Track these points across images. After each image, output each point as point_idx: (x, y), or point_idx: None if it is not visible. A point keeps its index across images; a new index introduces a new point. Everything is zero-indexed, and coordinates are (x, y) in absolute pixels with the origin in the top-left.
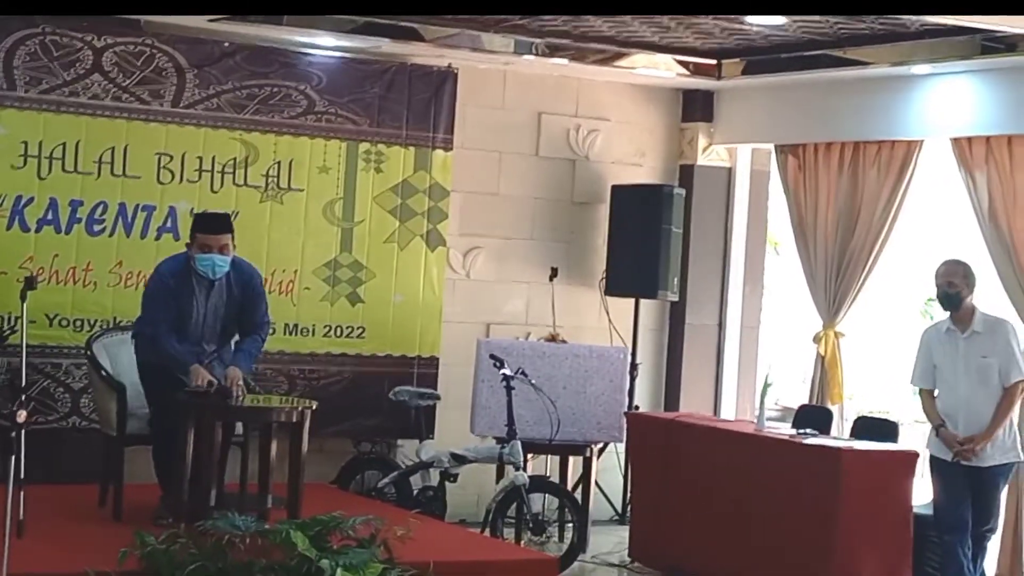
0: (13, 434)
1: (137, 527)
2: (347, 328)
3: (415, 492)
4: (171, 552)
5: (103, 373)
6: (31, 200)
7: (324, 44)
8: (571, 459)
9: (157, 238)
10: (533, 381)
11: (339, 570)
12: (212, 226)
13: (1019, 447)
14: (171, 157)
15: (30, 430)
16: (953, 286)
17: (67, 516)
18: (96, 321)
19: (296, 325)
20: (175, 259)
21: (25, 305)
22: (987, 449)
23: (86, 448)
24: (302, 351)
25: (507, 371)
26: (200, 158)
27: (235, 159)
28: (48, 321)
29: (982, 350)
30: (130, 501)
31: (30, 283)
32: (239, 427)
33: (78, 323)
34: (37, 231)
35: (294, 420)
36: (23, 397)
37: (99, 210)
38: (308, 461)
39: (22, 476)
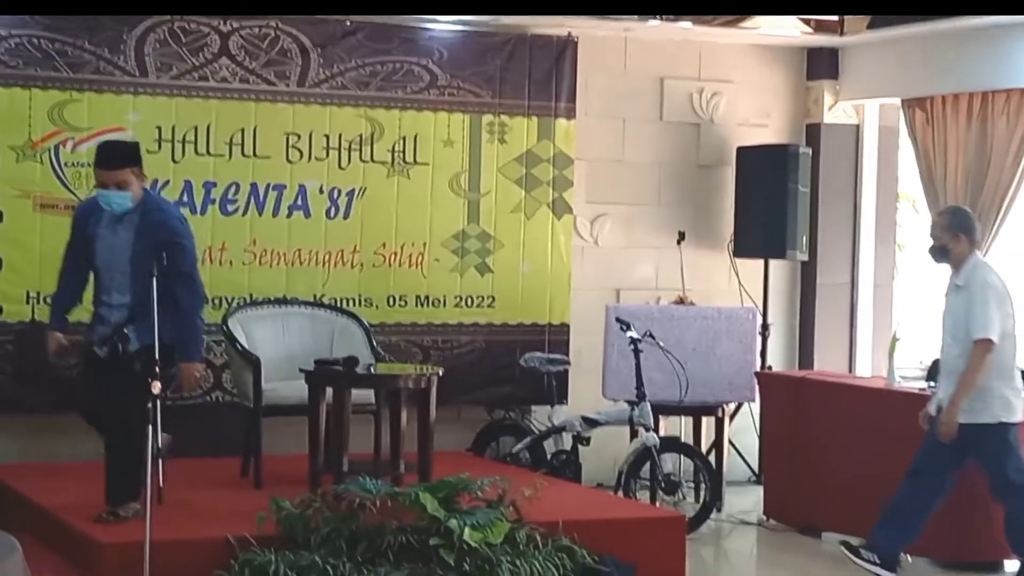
0: (150, 405)
1: (275, 494)
2: (477, 298)
3: (549, 456)
4: (306, 516)
5: (239, 347)
6: (167, 183)
7: (444, 19)
8: (704, 420)
9: (288, 216)
10: (661, 343)
11: (467, 529)
12: (104, 159)
13: (998, 408)
14: (299, 136)
15: (176, 406)
16: (937, 239)
17: (211, 486)
18: (233, 299)
19: (427, 297)
20: (90, 199)
21: (154, 281)
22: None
23: (229, 422)
24: (434, 322)
25: (633, 334)
26: (327, 136)
27: (361, 136)
28: None
29: (957, 305)
30: (270, 471)
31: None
32: (371, 396)
33: (216, 301)
34: None
35: (421, 387)
36: (156, 369)
37: (232, 191)
38: (444, 430)
39: (159, 447)
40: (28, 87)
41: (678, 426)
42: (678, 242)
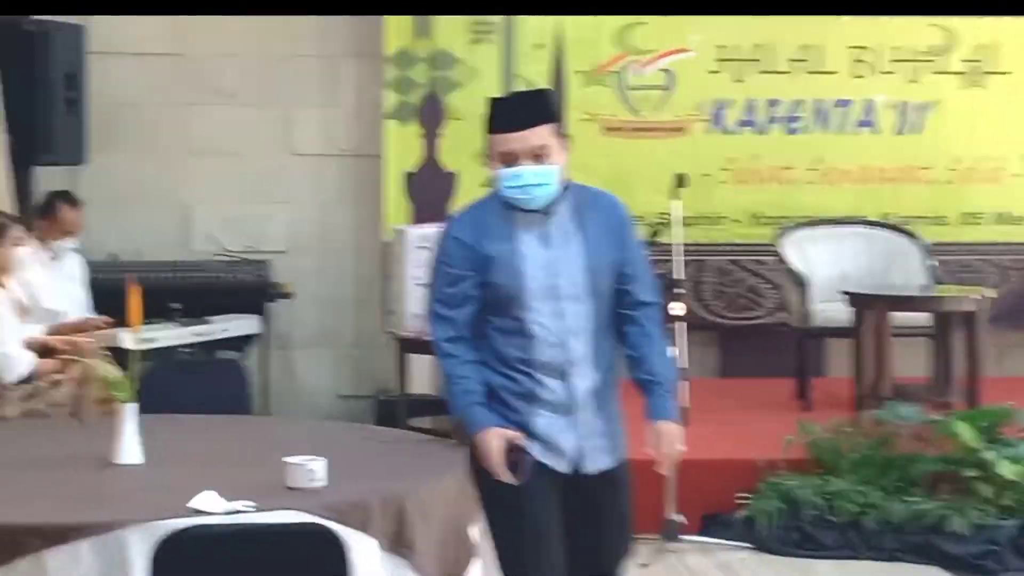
0: (671, 326)
1: (826, 416)
2: None
3: None
4: (835, 441)
5: (789, 268)
6: (729, 103)
7: None
8: None
9: (855, 132)
10: None
11: (1004, 462)
12: (505, 117)
13: None
14: (864, 49)
15: (738, 326)
16: None
17: (761, 407)
18: (796, 219)
19: (1007, 214)
20: (477, 203)
21: (677, 203)
22: None
23: (784, 343)
24: (1014, 240)
25: None
26: (895, 49)
27: (932, 47)
28: (751, 220)
29: None
30: (824, 392)
31: (681, 181)
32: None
33: (780, 221)
34: (736, 132)
35: (968, 309)
36: (674, 291)
37: (796, 108)
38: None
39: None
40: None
41: None
42: None
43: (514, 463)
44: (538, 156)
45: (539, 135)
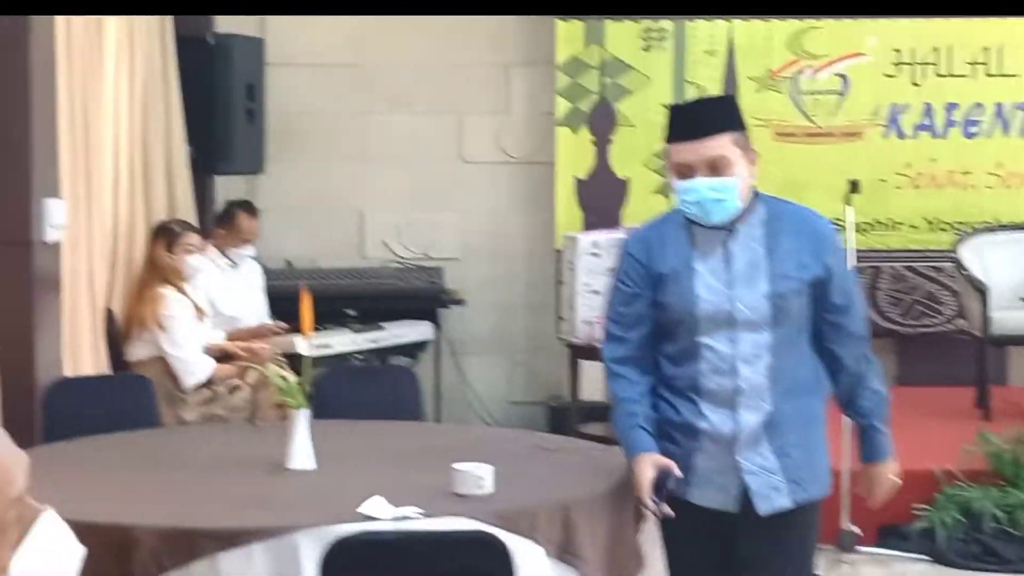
0: None
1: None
2: None
3: None
4: (1015, 452)
5: (967, 274)
6: (906, 107)
7: None
8: None
9: None
10: None
11: None
12: (682, 126)
13: None
14: None
15: (915, 333)
16: None
17: (939, 416)
18: (975, 224)
19: None
20: (658, 218)
21: (850, 209)
22: None
23: (963, 351)
24: None
25: None
26: None
27: None
28: (928, 225)
29: None
30: (1006, 402)
31: (855, 186)
32: None
33: (958, 226)
34: (913, 137)
35: None
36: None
37: (975, 112)
38: None
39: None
40: (767, 19)
41: None
42: None
43: (663, 494)
44: (715, 168)
45: (717, 145)
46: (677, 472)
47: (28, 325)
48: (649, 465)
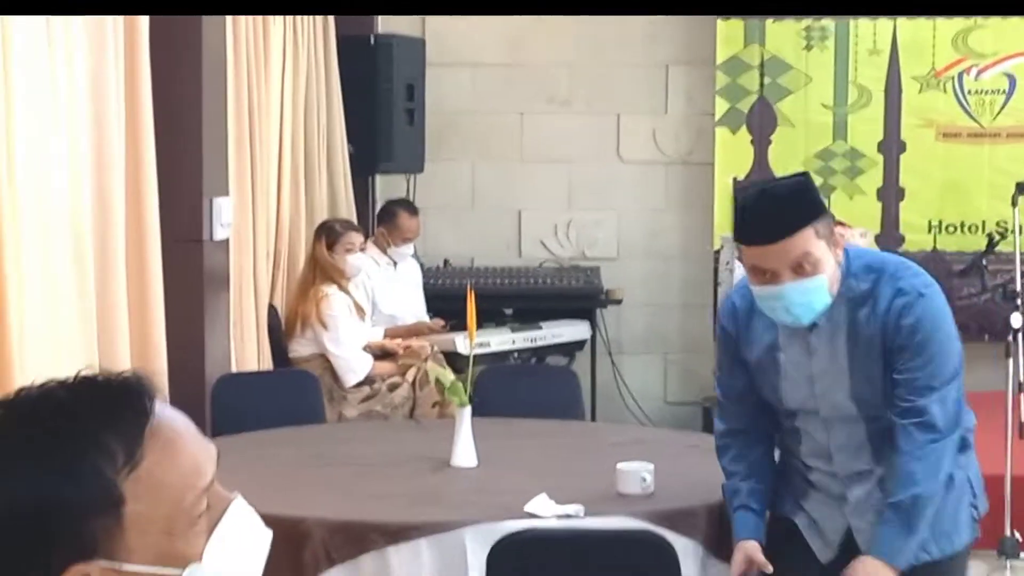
0: (1010, 338)
1: None
2: None
3: None
4: None
5: None
6: None
7: None
8: None
9: None
10: None
11: None
12: (754, 229)
13: None
14: None
15: None
16: None
17: None
18: None
19: None
20: (747, 284)
21: (1017, 210)
22: None
23: None
24: None
25: None
26: None
27: None
28: None
29: None
30: None
31: (1021, 189)
32: None
33: None
34: None
35: None
36: (1019, 302)
37: None
38: None
39: (1021, 381)
40: (931, 17)
41: None
42: None
43: None
44: (801, 269)
45: (799, 243)
46: (768, 569)
47: (199, 321)
48: (742, 558)
